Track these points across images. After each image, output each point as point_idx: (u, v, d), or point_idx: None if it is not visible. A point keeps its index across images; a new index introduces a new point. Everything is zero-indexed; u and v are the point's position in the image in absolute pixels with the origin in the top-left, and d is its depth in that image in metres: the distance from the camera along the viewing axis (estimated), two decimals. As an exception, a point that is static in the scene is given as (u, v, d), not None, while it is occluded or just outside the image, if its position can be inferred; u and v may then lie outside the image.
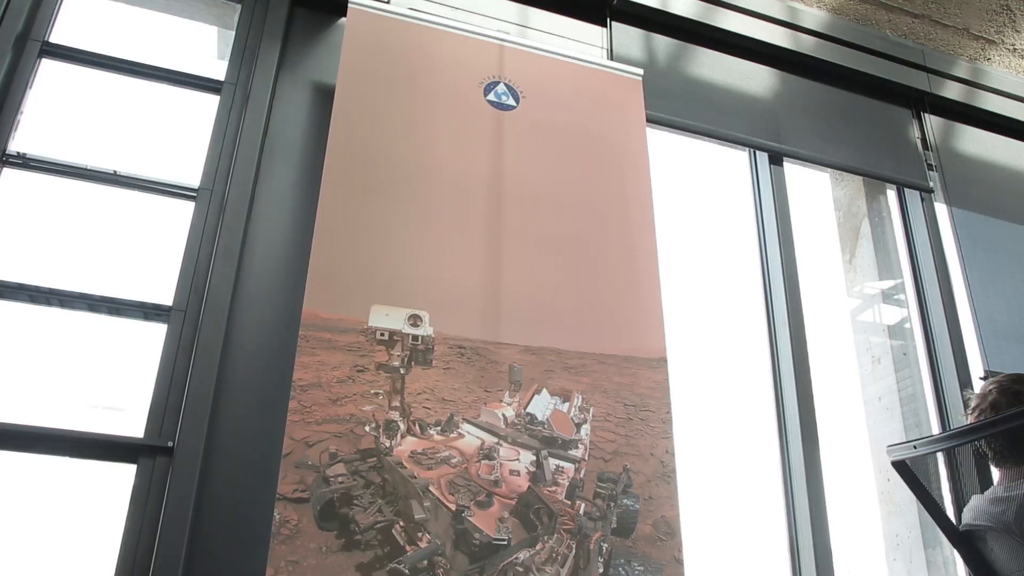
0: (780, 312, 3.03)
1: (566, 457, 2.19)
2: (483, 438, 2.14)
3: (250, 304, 2.28)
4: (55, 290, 2.22)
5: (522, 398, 2.24)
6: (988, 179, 3.83)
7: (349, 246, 2.25)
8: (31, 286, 2.20)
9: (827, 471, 2.82)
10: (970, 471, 2.44)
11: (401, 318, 2.20)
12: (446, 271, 2.31)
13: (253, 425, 2.13)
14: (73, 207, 2.46)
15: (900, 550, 3.21)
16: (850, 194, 3.75)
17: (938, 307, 3.33)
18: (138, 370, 2.29)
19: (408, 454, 2.05)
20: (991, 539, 1.95)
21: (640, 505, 2.20)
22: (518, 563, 2.01)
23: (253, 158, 2.45)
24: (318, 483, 1.95)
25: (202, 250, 2.33)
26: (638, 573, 2.11)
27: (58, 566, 2.19)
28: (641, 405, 2.33)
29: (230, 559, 1.98)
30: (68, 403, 2.31)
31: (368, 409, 2.07)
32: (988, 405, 2.07)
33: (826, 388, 3.04)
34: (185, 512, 1.98)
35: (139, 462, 2.07)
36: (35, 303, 2.22)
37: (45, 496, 2.22)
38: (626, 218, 2.60)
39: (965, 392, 3.03)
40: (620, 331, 2.41)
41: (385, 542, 1.93)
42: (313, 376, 2.06)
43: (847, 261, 3.68)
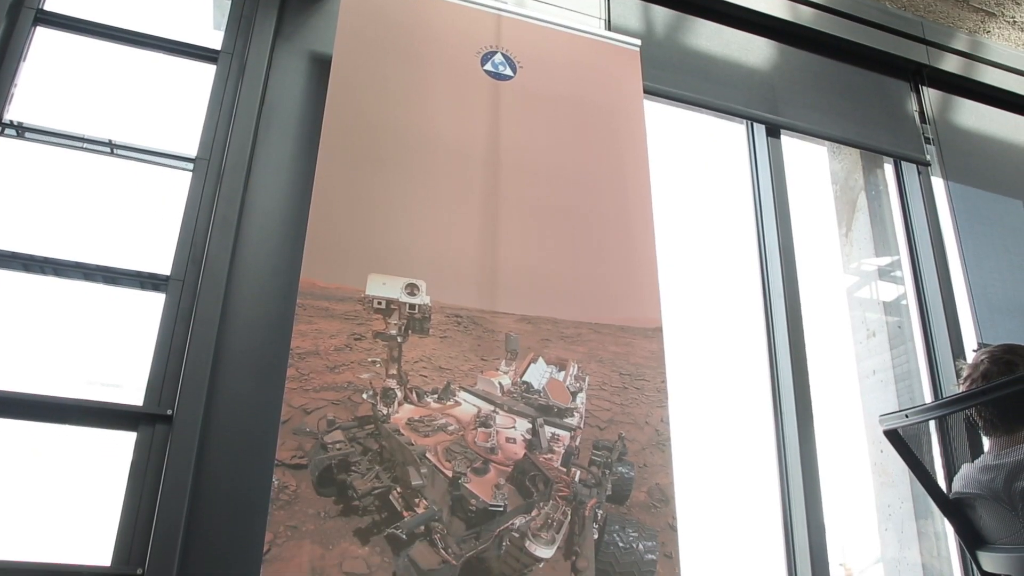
0: (776, 285, 3.05)
1: (562, 425, 2.21)
2: (479, 406, 2.16)
3: (248, 273, 2.29)
4: (50, 259, 2.21)
5: (518, 367, 2.25)
6: (985, 153, 3.83)
7: (346, 216, 2.25)
8: (25, 255, 2.19)
9: (821, 442, 2.85)
10: (961, 440, 2.45)
11: (398, 287, 2.21)
12: (443, 241, 2.31)
13: (251, 393, 2.15)
14: (69, 177, 2.46)
15: (892, 520, 3.25)
16: (847, 167, 3.75)
17: (933, 281, 3.34)
18: (135, 340, 2.30)
19: (405, 421, 2.07)
20: (980, 506, 1.97)
21: (635, 472, 2.22)
22: (514, 529, 2.03)
23: (250, 128, 2.45)
24: (316, 450, 1.97)
25: (199, 220, 2.33)
26: (633, 539, 2.14)
27: (60, 531, 2.21)
28: (636, 374, 2.35)
29: (229, 524, 2.01)
30: (64, 373, 2.32)
31: (365, 377, 2.08)
32: (980, 375, 2.08)
33: (821, 361, 3.06)
34: (185, 478, 2.00)
35: (139, 430, 2.08)
36: (29, 272, 2.22)
37: (47, 463, 2.24)
38: (623, 188, 2.60)
39: (957, 362, 3.04)
40: (616, 301, 2.42)
41: (383, 508, 1.96)
42: (311, 344, 2.07)
43: (843, 234, 3.69)
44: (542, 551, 2.04)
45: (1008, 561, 1.89)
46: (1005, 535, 1.91)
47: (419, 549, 1.94)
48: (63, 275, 2.25)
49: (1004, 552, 1.90)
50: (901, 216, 3.53)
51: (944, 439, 2.77)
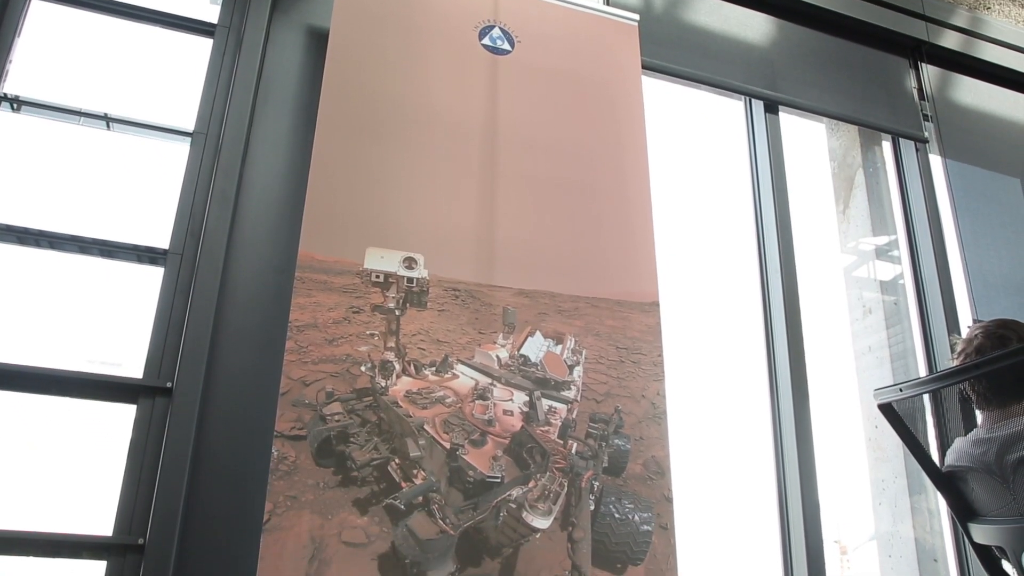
0: (773, 261, 3.06)
1: (559, 398, 2.23)
2: (477, 379, 2.18)
3: (246, 247, 2.29)
4: (45, 232, 2.21)
5: (516, 340, 2.27)
6: (984, 130, 3.82)
7: (344, 189, 2.25)
8: (20, 227, 2.19)
9: (816, 418, 2.86)
10: (955, 414, 2.49)
11: (396, 260, 2.22)
12: (441, 214, 2.32)
13: (250, 365, 2.16)
14: (66, 151, 2.46)
15: (885, 495, 3.28)
16: (845, 144, 3.75)
17: (929, 259, 3.35)
18: (133, 314, 2.31)
19: (403, 394, 2.09)
20: (972, 479, 1.99)
21: (631, 445, 2.24)
22: (511, 500, 2.06)
23: (247, 102, 2.45)
24: (315, 421, 1.99)
25: (197, 194, 2.34)
26: (629, 511, 2.17)
27: (63, 502, 2.23)
28: (633, 348, 2.37)
29: (229, 494, 2.03)
30: (61, 347, 2.33)
31: (364, 349, 2.10)
32: (973, 349, 2.09)
33: (816, 337, 3.08)
34: (185, 449, 2.02)
35: (139, 402, 2.10)
36: (24, 245, 2.21)
37: (48, 435, 2.25)
38: (620, 163, 2.61)
39: (952, 337, 3.06)
40: (613, 275, 2.43)
41: (381, 478, 1.98)
42: (309, 317, 2.09)
43: (841, 212, 3.69)
44: (539, 522, 2.06)
45: (998, 532, 1.91)
46: (996, 507, 1.93)
47: (417, 519, 1.96)
48: (59, 248, 2.24)
49: (994, 524, 1.92)
50: (898, 194, 3.53)
51: (938, 413, 2.80)
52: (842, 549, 5.96)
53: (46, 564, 2.00)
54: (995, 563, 2.01)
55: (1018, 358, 1.85)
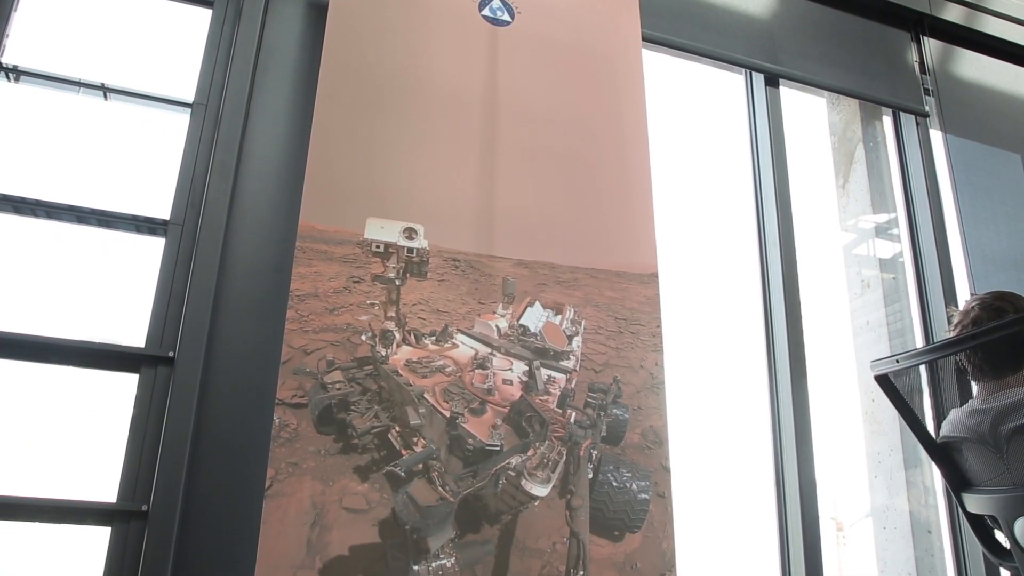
0: (772, 235, 3.06)
1: (558, 368, 2.25)
2: (477, 348, 2.20)
3: (247, 217, 2.30)
4: (42, 201, 2.20)
5: (515, 310, 2.28)
6: (985, 105, 3.81)
7: (345, 160, 2.26)
8: (16, 197, 2.18)
9: (814, 392, 2.88)
10: (951, 386, 2.49)
11: (396, 231, 2.23)
12: (441, 185, 2.32)
13: (252, 334, 2.18)
14: (67, 121, 2.45)
15: (881, 468, 3.31)
16: (845, 119, 3.74)
17: (928, 234, 3.35)
18: (132, 284, 2.31)
19: (403, 362, 2.10)
20: (966, 450, 2.00)
21: (629, 415, 2.27)
22: (510, 468, 2.08)
23: (247, 73, 2.44)
24: (316, 389, 2.01)
25: (198, 165, 2.34)
26: (627, 479, 2.19)
27: (66, 472, 2.25)
28: (632, 319, 2.38)
29: (232, 461, 2.05)
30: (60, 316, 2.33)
31: (364, 319, 2.11)
32: (970, 321, 2.10)
33: (815, 311, 3.09)
34: (187, 417, 2.04)
35: (141, 371, 2.11)
36: (20, 214, 2.21)
37: (50, 404, 2.27)
38: (620, 135, 2.61)
39: (949, 308, 3.08)
40: (612, 247, 2.44)
41: (382, 446, 2.00)
42: (310, 286, 2.10)
43: (840, 186, 3.69)
44: (538, 489, 2.09)
45: (991, 502, 1.93)
46: (989, 477, 1.95)
47: (417, 486, 1.99)
48: (56, 218, 2.24)
49: (987, 494, 1.94)
50: (898, 168, 3.53)
51: (934, 385, 2.81)
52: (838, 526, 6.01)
53: (52, 530, 2.03)
54: (988, 533, 2.03)
55: (1013, 329, 1.85)
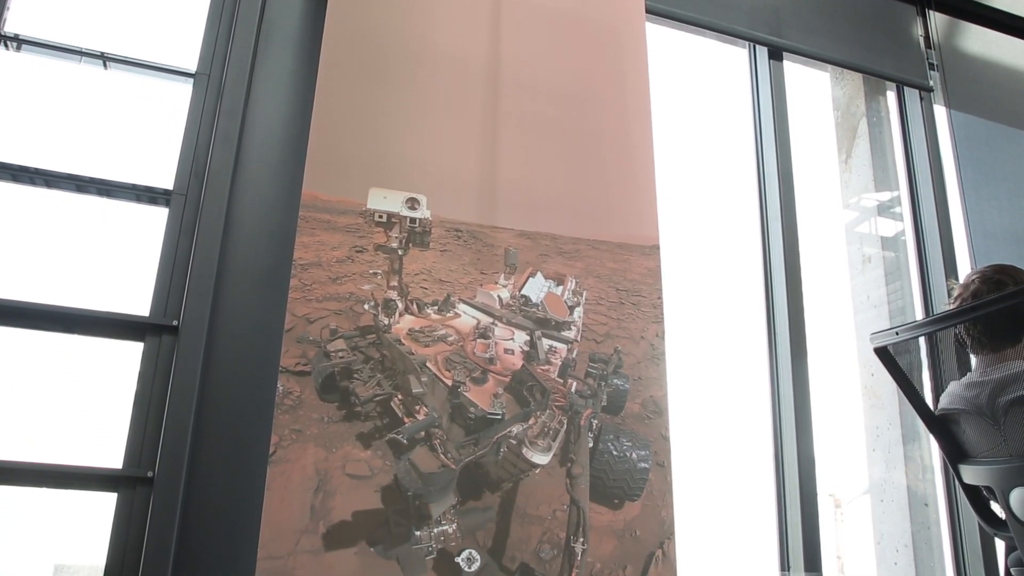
0: (774, 208, 3.06)
1: (559, 338, 2.26)
2: (479, 318, 2.21)
3: (250, 187, 2.30)
4: (41, 170, 2.20)
5: (517, 280, 2.29)
6: (990, 80, 3.79)
7: (347, 130, 2.26)
8: (15, 165, 2.18)
9: (814, 365, 2.89)
10: (950, 359, 2.50)
11: (399, 201, 2.23)
12: (443, 155, 2.33)
13: (255, 303, 2.19)
14: (69, 91, 2.45)
15: (880, 441, 3.33)
16: (849, 93, 3.73)
17: (930, 208, 3.35)
18: (132, 254, 2.32)
19: (406, 331, 2.12)
20: (964, 421, 2.02)
21: (630, 385, 2.29)
22: (511, 436, 2.10)
23: (249, 43, 2.43)
24: (319, 357, 2.02)
25: (201, 135, 2.34)
26: (627, 448, 2.22)
27: (73, 439, 2.27)
28: (633, 290, 2.39)
29: (236, 428, 2.07)
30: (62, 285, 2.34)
31: (367, 288, 2.13)
32: (970, 294, 2.10)
33: (816, 286, 3.09)
34: (191, 385, 2.06)
35: (146, 340, 2.13)
36: (18, 182, 2.20)
37: (57, 372, 2.28)
38: (623, 106, 2.60)
39: (949, 282, 3.08)
40: (614, 218, 2.45)
41: (384, 414, 2.02)
42: (313, 256, 2.11)
43: (843, 161, 3.68)
44: (538, 457, 2.11)
45: (987, 473, 1.95)
46: (986, 449, 1.96)
47: (419, 453, 2.01)
48: (55, 187, 2.24)
49: (984, 465, 1.95)
50: (901, 143, 3.52)
51: (933, 357, 2.83)
52: (836, 502, 6.06)
53: (59, 495, 2.06)
54: (983, 503, 2.05)
55: (1013, 301, 1.86)
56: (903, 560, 3.12)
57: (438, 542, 1.98)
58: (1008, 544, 1.98)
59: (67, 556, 2.24)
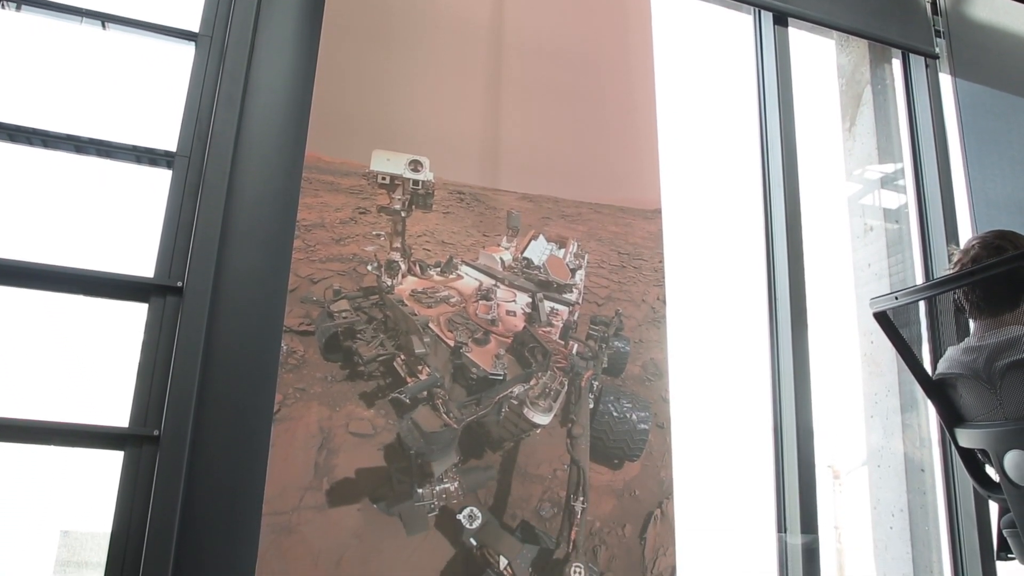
0: (776, 175, 3.06)
1: (561, 300, 2.28)
2: (481, 280, 2.23)
3: (253, 149, 2.30)
4: (38, 130, 2.18)
5: (519, 243, 2.31)
6: (996, 48, 3.76)
7: (351, 92, 2.26)
8: (11, 124, 2.16)
9: (814, 332, 2.91)
10: (949, 324, 2.52)
11: (402, 163, 2.24)
12: (447, 118, 2.33)
13: (259, 264, 2.20)
14: (69, 51, 2.44)
15: (878, 408, 3.36)
16: (854, 61, 3.71)
17: (933, 177, 3.35)
18: (133, 216, 2.32)
19: (409, 293, 2.14)
20: (961, 386, 2.03)
21: (630, 347, 2.31)
22: (513, 396, 2.13)
23: (252, 4, 2.42)
24: (323, 317, 2.04)
25: (204, 97, 2.33)
26: (627, 409, 2.24)
27: (80, 398, 2.30)
28: (635, 254, 2.41)
29: (241, 387, 2.08)
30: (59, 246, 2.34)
31: (370, 249, 2.14)
32: (970, 259, 2.10)
33: (817, 255, 3.10)
34: (196, 345, 2.07)
35: (150, 301, 2.14)
36: (15, 142, 2.19)
37: (63, 332, 2.30)
38: (627, 71, 2.60)
39: (950, 247, 3.09)
40: (617, 182, 2.46)
41: (387, 373, 2.05)
42: (316, 217, 2.12)
43: (847, 129, 3.67)
44: (539, 418, 2.14)
45: (982, 436, 1.97)
46: (982, 412, 1.98)
47: (422, 413, 2.04)
48: (53, 147, 2.22)
49: (979, 428, 1.97)
50: (905, 110, 3.50)
51: (932, 323, 2.84)
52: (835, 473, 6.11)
53: (66, 460, 2.08)
54: (978, 467, 2.07)
55: (1011, 266, 1.86)
56: (898, 524, 3.16)
57: (440, 499, 2.01)
58: (1001, 506, 2.00)
59: (73, 522, 2.27)
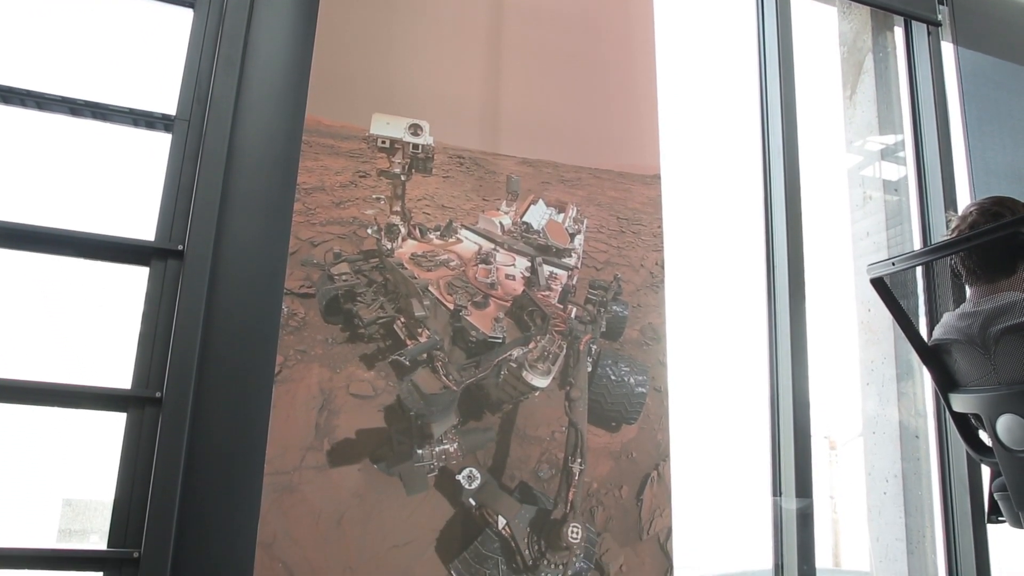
0: (776, 143, 3.06)
1: (560, 264, 2.29)
2: (480, 243, 2.24)
3: (253, 112, 2.30)
4: (33, 92, 2.17)
5: (519, 207, 2.31)
6: (999, 16, 3.74)
7: (351, 55, 2.25)
8: (3, 86, 2.14)
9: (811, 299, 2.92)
10: (945, 291, 2.53)
11: (402, 127, 2.24)
12: (447, 82, 2.32)
13: (259, 227, 2.20)
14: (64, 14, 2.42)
15: (874, 375, 3.39)
16: (856, 28, 3.68)
17: (933, 143, 3.34)
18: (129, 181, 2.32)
19: (408, 256, 2.15)
20: (956, 351, 2.05)
21: (628, 311, 2.32)
22: (512, 359, 2.15)
23: (250, -33, 2.41)
24: (323, 280, 2.06)
25: (203, 60, 2.33)
26: (624, 373, 2.26)
27: (79, 363, 2.31)
28: (634, 219, 2.41)
29: (242, 349, 2.10)
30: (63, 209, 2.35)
31: (370, 213, 2.15)
32: (967, 226, 2.11)
33: (816, 224, 3.10)
34: (197, 308, 2.08)
35: (151, 264, 2.15)
36: (9, 104, 2.17)
37: (62, 297, 2.31)
38: (628, 35, 2.59)
39: (948, 213, 3.10)
40: (616, 147, 2.46)
41: (387, 336, 2.06)
42: (316, 180, 2.13)
43: (847, 97, 3.66)
44: (538, 380, 2.16)
45: (976, 401, 1.99)
46: (976, 377, 2.00)
47: (422, 375, 2.06)
48: (48, 109, 2.21)
49: (973, 393, 1.99)
50: (907, 79, 3.49)
51: (929, 289, 2.86)
52: (831, 444, 6.17)
53: (68, 414, 2.10)
54: (971, 431, 2.09)
55: (1007, 231, 1.87)
56: (892, 490, 3.20)
57: (439, 460, 2.04)
58: (993, 470, 2.03)
59: (75, 491, 2.30)
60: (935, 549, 3.09)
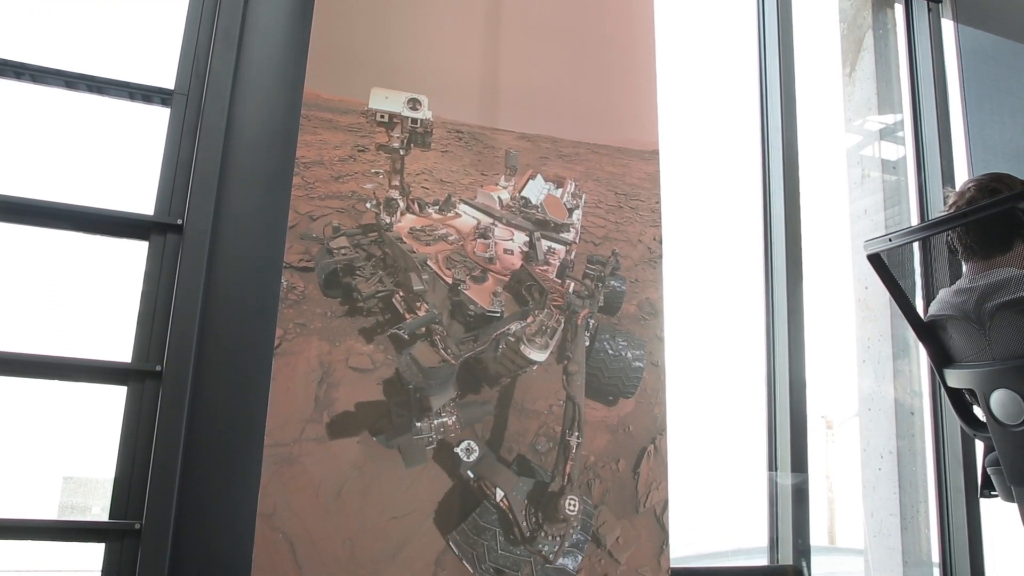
0: (775, 117, 3.06)
1: (558, 239, 2.30)
2: (479, 218, 2.24)
3: (251, 86, 2.30)
4: (27, 64, 2.17)
5: (517, 182, 2.32)
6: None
7: (349, 28, 2.25)
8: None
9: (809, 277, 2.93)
10: (942, 267, 2.54)
11: (400, 101, 2.24)
12: (445, 56, 2.32)
13: (258, 201, 2.21)
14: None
15: (870, 353, 3.41)
16: (856, 5, 3.67)
17: (931, 120, 3.34)
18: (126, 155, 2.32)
19: (407, 230, 2.15)
20: (951, 327, 2.06)
21: (626, 286, 2.33)
22: (510, 333, 2.16)
23: (248, -61, 2.39)
24: (322, 254, 2.06)
25: (201, 34, 2.32)
26: (622, 347, 2.28)
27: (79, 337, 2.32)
28: (632, 194, 2.42)
29: (242, 323, 2.11)
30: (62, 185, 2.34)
31: (369, 187, 2.15)
32: (965, 202, 2.11)
33: (814, 202, 3.11)
34: (197, 282, 2.09)
35: (151, 239, 2.16)
36: (2, 76, 2.16)
37: (63, 270, 2.32)
38: (627, 10, 2.58)
39: (945, 189, 3.10)
40: (615, 122, 2.45)
41: (386, 310, 2.07)
42: (315, 154, 2.13)
43: (847, 74, 3.65)
44: (536, 354, 2.18)
45: (971, 376, 2.00)
46: (971, 353, 2.01)
47: (420, 348, 2.07)
48: (42, 82, 2.20)
49: (968, 368, 2.01)
50: (906, 56, 3.49)
51: (925, 265, 2.87)
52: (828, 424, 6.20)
53: (70, 387, 2.11)
54: (965, 407, 2.11)
55: (1005, 207, 1.87)
56: (887, 466, 3.23)
57: (438, 433, 2.06)
58: (987, 445, 2.04)
59: (76, 465, 2.32)
60: (928, 524, 3.13)
